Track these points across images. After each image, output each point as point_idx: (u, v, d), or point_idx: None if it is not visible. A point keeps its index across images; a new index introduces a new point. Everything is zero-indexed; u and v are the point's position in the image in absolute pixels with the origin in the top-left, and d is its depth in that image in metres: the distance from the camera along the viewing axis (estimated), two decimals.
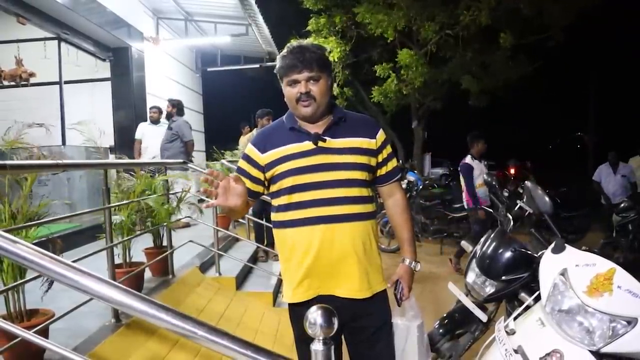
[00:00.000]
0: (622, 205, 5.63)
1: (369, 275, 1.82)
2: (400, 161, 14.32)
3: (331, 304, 1.37)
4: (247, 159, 1.89)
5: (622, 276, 1.68)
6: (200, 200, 5.12)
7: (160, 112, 7.28)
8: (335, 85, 12.28)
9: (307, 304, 1.66)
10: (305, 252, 1.78)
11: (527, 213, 3.02)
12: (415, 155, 14.24)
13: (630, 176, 7.60)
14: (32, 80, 7.12)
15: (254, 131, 5.85)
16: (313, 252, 1.77)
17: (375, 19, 9.98)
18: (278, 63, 1.80)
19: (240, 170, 1.88)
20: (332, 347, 1.20)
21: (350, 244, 1.77)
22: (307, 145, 1.78)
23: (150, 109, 7.29)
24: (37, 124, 2.95)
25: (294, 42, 1.81)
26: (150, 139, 7.01)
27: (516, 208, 3.10)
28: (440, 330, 2.74)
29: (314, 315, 1.20)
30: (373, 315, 1.86)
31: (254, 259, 5.47)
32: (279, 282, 4.60)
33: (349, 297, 1.80)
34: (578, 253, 1.87)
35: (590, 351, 1.67)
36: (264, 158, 1.84)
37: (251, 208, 4.84)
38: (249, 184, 1.84)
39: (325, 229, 1.76)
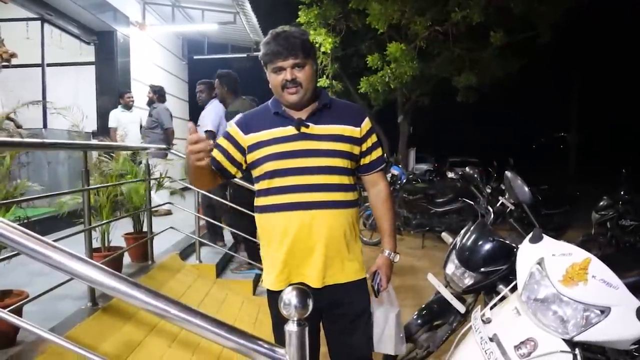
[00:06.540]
0: (601, 203, 5.68)
1: (344, 263, 1.82)
2: (385, 155, 14.35)
3: (310, 289, 1.35)
4: (228, 137, 1.86)
5: (597, 266, 1.70)
6: (185, 189, 5.06)
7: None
8: (325, 77, 12.24)
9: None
10: (282, 237, 1.77)
11: (508, 209, 3.05)
12: (400, 149, 14.29)
13: None
14: (14, 61, 6.94)
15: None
16: (290, 237, 1.76)
17: (374, 9, 9.93)
18: (262, 50, 1.77)
19: (218, 147, 1.85)
20: (307, 328, 1.19)
21: (328, 231, 1.76)
22: (290, 130, 1.76)
23: (126, 94, 7.07)
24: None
25: (277, 28, 1.77)
26: (127, 125, 6.86)
27: (498, 204, 3.11)
28: (419, 321, 2.75)
29: (289, 296, 1.18)
30: (352, 304, 1.86)
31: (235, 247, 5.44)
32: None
33: (326, 284, 1.79)
34: (555, 243, 1.89)
35: (563, 339, 1.69)
36: (246, 139, 1.81)
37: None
38: (223, 161, 1.84)
39: (303, 215, 1.75)
